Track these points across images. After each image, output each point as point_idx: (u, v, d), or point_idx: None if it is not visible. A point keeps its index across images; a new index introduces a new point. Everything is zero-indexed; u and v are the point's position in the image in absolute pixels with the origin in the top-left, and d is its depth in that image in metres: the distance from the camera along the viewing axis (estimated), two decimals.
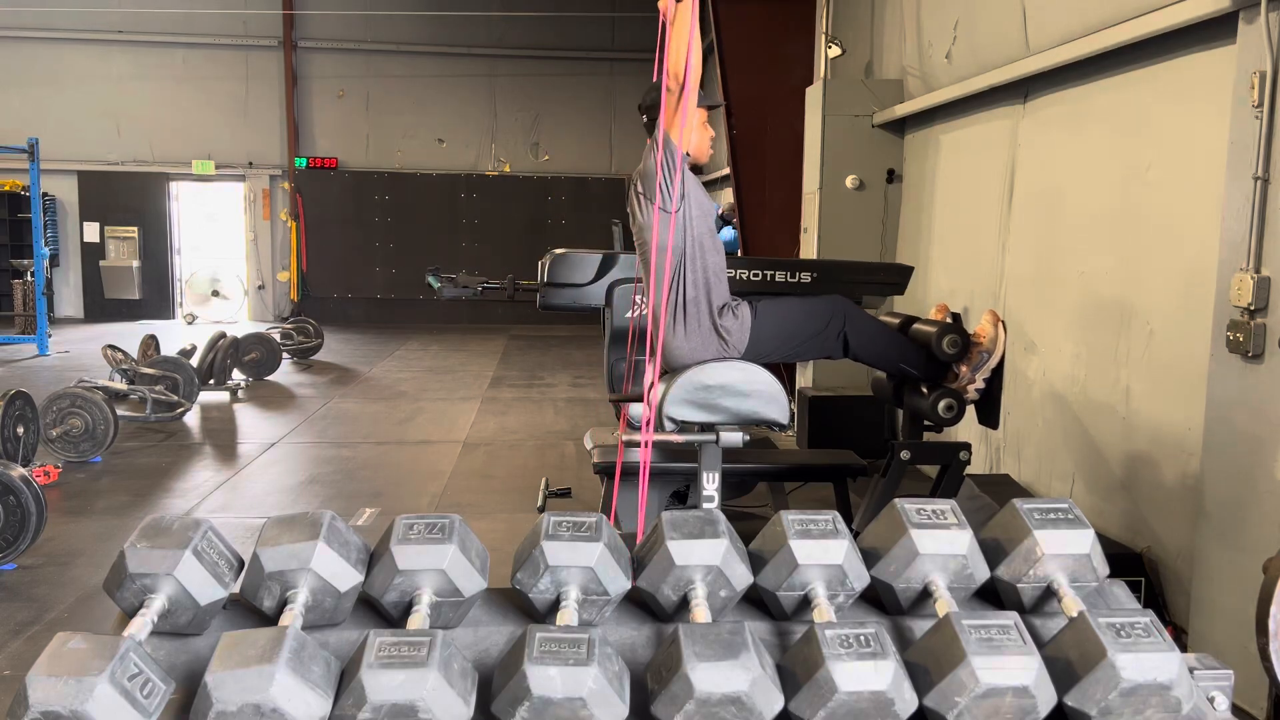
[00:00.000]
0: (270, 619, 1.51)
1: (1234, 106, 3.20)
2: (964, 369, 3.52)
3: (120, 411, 7.00)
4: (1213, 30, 3.59)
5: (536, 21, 15.59)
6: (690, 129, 3.10)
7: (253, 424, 8.12)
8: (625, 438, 3.30)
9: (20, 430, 5.83)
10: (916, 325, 3.70)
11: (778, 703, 1.35)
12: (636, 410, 3.53)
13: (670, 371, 3.31)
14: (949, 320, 3.72)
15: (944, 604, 1.51)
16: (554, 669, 1.30)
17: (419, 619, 1.47)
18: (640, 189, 3.16)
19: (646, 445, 2.94)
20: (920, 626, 1.56)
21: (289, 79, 15.74)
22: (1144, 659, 1.36)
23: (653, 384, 3.23)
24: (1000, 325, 3.54)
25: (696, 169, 3.31)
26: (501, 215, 16.05)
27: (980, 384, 3.53)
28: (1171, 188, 3.92)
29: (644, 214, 3.17)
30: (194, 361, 8.59)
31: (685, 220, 3.13)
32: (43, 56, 15.28)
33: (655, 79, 3.07)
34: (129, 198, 15.72)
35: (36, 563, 4.63)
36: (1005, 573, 1.60)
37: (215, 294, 16.00)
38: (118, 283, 15.74)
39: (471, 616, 1.59)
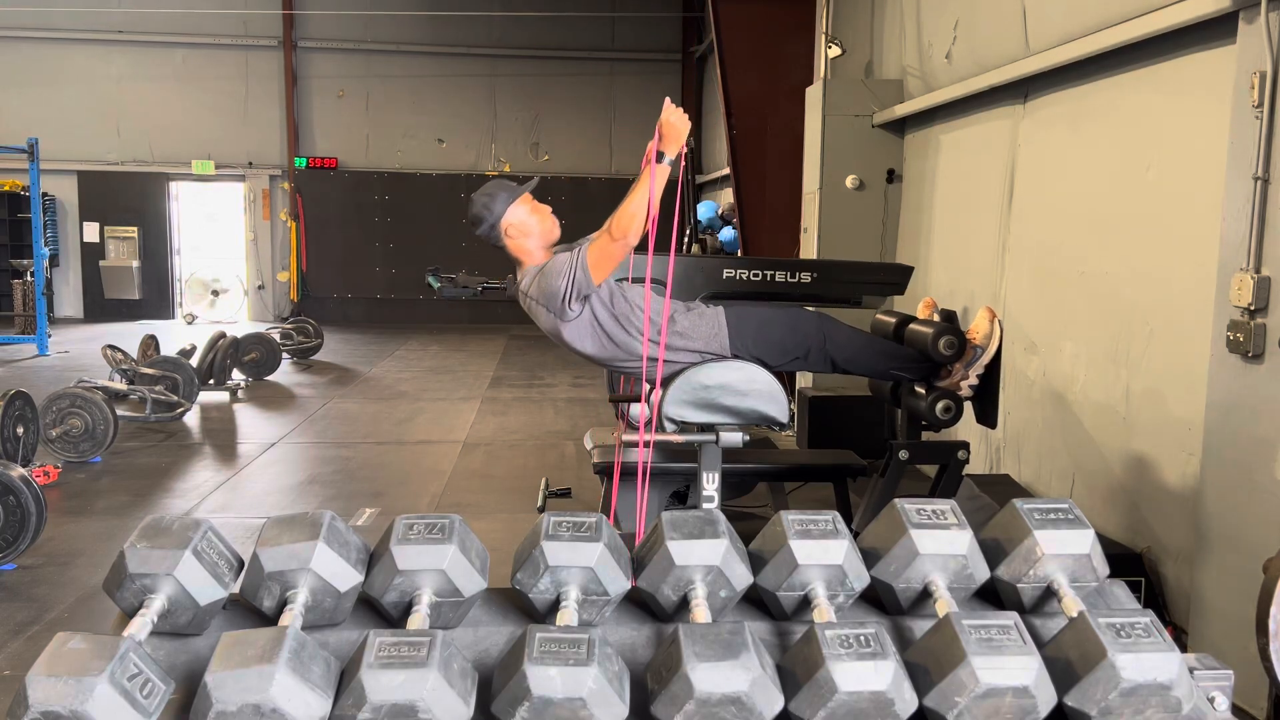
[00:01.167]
0: (270, 619, 1.51)
1: (1234, 106, 3.20)
2: (956, 366, 3.52)
3: (120, 411, 7.00)
4: (1213, 30, 3.59)
5: (536, 21, 15.59)
6: (610, 271, 3.08)
7: (253, 424, 8.12)
8: (625, 438, 3.30)
9: (20, 430, 5.83)
10: (912, 326, 3.70)
11: (778, 703, 1.35)
12: (636, 410, 3.53)
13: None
14: (937, 316, 3.72)
15: (944, 604, 1.51)
16: (554, 669, 1.30)
17: (419, 619, 1.47)
18: (541, 303, 3.14)
19: (647, 445, 2.94)
20: (920, 626, 1.56)
21: (289, 79, 15.73)
22: (1144, 659, 1.36)
23: (652, 388, 3.24)
24: (995, 322, 3.53)
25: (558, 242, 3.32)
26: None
27: (974, 380, 3.52)
28: (1171, 188, 3.92)
29: (550, 323, 3.18)
30: (194, 361, 8.58)
31: (595, 319, 3.16)
32: (43, 56, 15.28)
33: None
34: (129, 198, 15.72)
35: (36, 563, 4.63)
36: (1005, 573, 1.60)
37: (215, 294, 16.00)
38: (118, 283, 15.74)
39: (471, 616, 1.59)
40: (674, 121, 2.92)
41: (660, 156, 2.93)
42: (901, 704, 1.34)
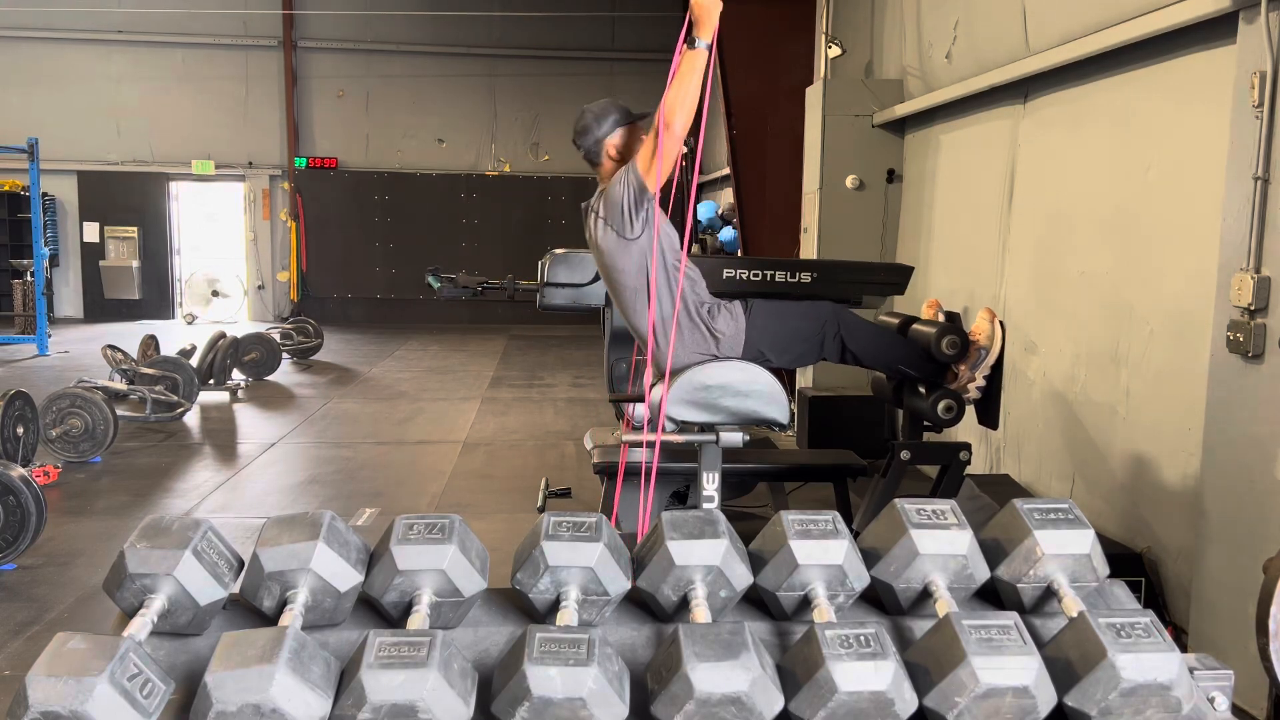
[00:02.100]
0: (270, 619, 1.51)
1: (1234, 106, 3.20)
2: (963, 368, 3.52)
3: (120, 411, 7.00)
4: (1213, 30, 3.59)
5: (536, 21, 15.59)
6: (666, 170, 3.03)
7: (253, 424, 8.12)
8: (625, 438, 3.30)
9: (20, 430, 5.83)
10: (915, 326, 3.70)
11: (778, 703, 1.35)
12: (637, 410, 3.53)
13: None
14: (942, 317, 3.72)
15: (944, 604, 1.51)
16: (554, 669, 1.30)
17: (419, 619, 1.47)
18: (604, 217, 3.09)
19: (650, 445, 2.94)
20: (920, 626, 1.56)
21: (289, 79, 15.74)
22: (1144, 659, 1.36)
23: (653, 384, 3.23)
24: (996, 323, 3.54)
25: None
26: (501, 215, 16.06)
27: (980, 382, 3.53)
28: (1171, 188, 3.92)
29: (609, 243, 3.12)
30: (194, 361, 8.58)
31: (658, 249, 3.12)
32: (43, 56, 15.28)
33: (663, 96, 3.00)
34: (129, 198, 15.72)
35: (36, 563, 4.63)
36: (1005, 573, 1.60)
37: (215, 294, 16.00)
38: (117, 283, 15.74)
39: (471, 616, 1.59)
40: (705, 3, 2.85)
41: (693, 42, 2.88)
42: (901, 704, 1.34)
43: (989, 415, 3.68)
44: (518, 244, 15.33)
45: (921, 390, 3.64)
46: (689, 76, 2.88)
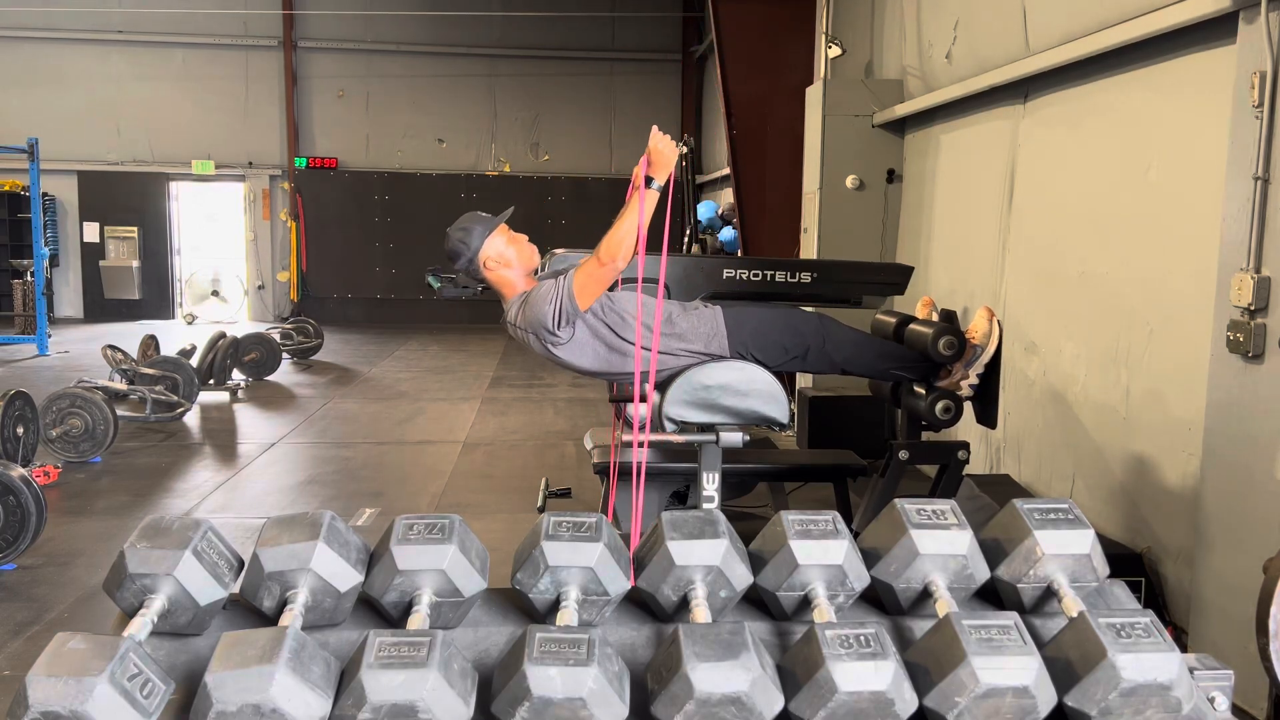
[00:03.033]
0: (270, 619, 1.51)
1: (1234, 106, 3.20)
2: (956, 366, 3.52)
3: (120, 411, 7.00)
4: (1213, 30, 3.59)
5: (536, 21, 15.59)
6: (598, 295, 3.07)
7: (253, 424, 8.12)
8: (625, 438, 3.30)
9: (20, 430, 5.83)
10: (912, 326, 3.70)
11: (778, 703, 1.35)
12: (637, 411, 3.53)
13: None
14: (937, 316, 3.72)
15: (944, 604, 1.51)
16: (554, 669, 1.30)
17: (419, 619, 1.47)
18: (530, 331, 3.13)
19: (644, 445, 2.94)
20: (920, 626, 1.56)
21: (289, 79, 15.73)
22: (1144, 659, 1.36)
23: (646, 394, 3.24)
24: (994, 321, 3.53)
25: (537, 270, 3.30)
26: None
27: (974, 379, 3.51)
28: (1171, 188, 3.92)
29: (543, 349, 3.17)
30: (194, 362, 8.58)
31: (588, 338, 3.14)
32: (43, 56, 15.28)
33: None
34: (129, 198, 15.72)
35: (36, 563, 4.63)
36: (1005, 573, 1.60)
37: (215, 294, 16.00)
38: (118, 283, 15.73)
39: (471, 616, 1.59)
40: (662, 149, 2.93)
41: (649, 182, 2.94)
42: (901, 704, 1.34)
43: (988, 415, 3.68)
44: None
45: (919, 391, 3.64)
46: (640, 215, 2.93)
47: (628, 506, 3.99)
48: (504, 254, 3.18)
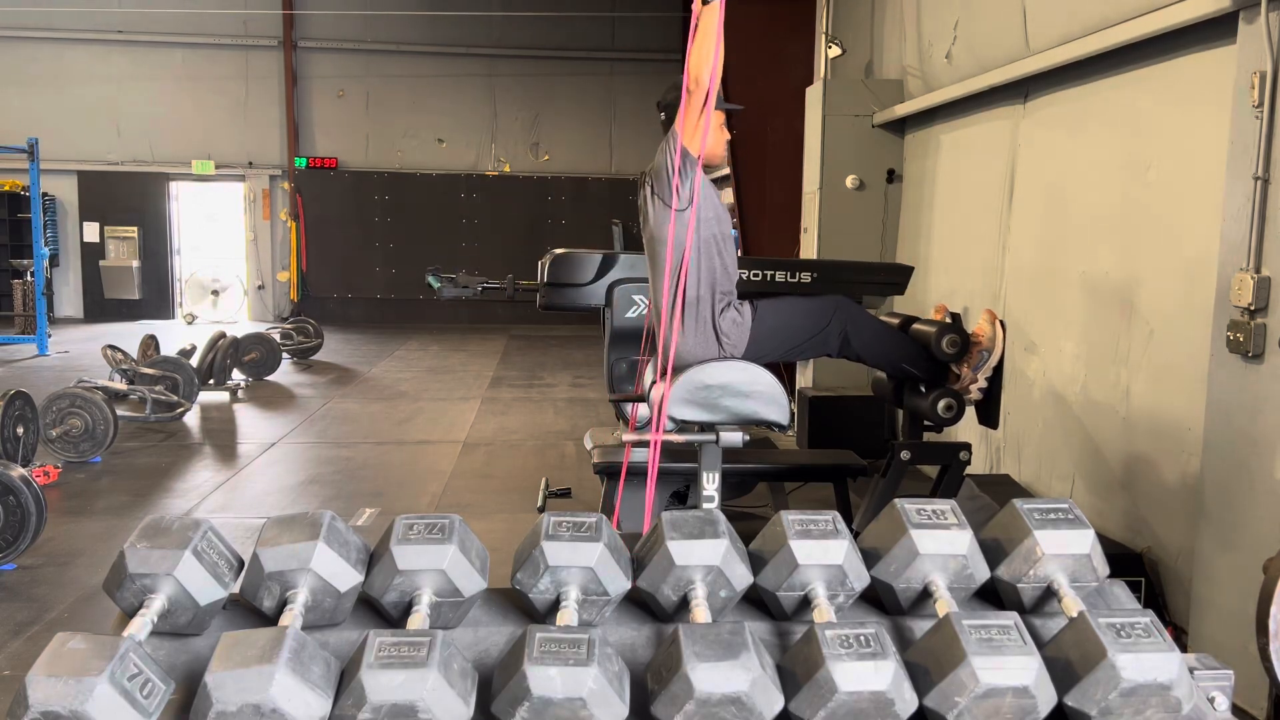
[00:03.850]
0: (270, 619, 1.51)
1: (1234, 106, 3.20)
2: (965, 369, 3.52)
3: (120, 411, 7.00)
4: (1213, 30, 3.59)
5: (536, 21, 15.59)
6: (707, 132, 3.06)
7: (253, 424, 8.12)
8: (626, 438, 3.29)
9: (20, 430, 5.83)
10: (916, 325, 3.70)
11: (778, 703, 1.35)
12: (640, 410, 3.53)
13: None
14: (948, 320, 3.72)
15: (944, 604, 1.51)
16: (554, 669, 1.30)
17: (419, 619, 1.47)
18: (652, 186, 3.14)
19: (650, 444, 2.94)
20: (920, 626, 1.56)
21: (289, 79, 15.74)
22: (1144, 659, 1.36)
23: (654, 382, 3.23)
24: (998, 324, 3.53)
25: (706, 169, 3.29)
26: (501, 215, 16.06)
27: (983, 383, 3.52)
28: (1171, 188, 3.92)
29: (655, 211, 3.15)
30: (194, 361, 8.58)
31: (696, 221, 3.12)
32: (43, 56, 15.28)
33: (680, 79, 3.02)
34: (129, 198, 15.72)
35: (36, 563, 4.63)
36: (1005, 573, 1.60)
37: (215, 294, 16.00)
38: (118, 283, 15.74)
39: (471, 616, 1.59)
40: None
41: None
42: (901, 704, 1.34)
43: (989, 415, 3.68)
44: (518, 244, 15.32)
45: (922, 390, 3.64)
46: (707, 34, 2.91)
47: (629, 506, 3.99)
48: (710, 133, 3.14)
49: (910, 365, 3.57)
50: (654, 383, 3.25)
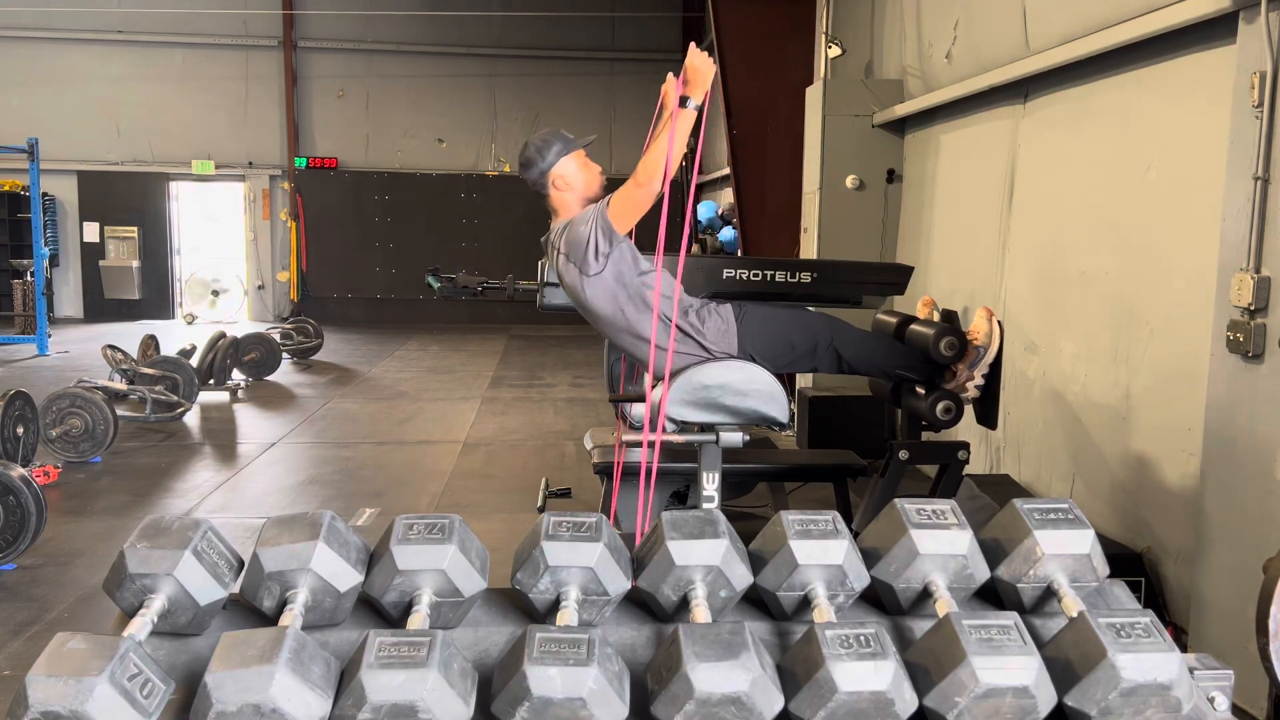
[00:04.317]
0: (270, 619, 1.51)
1: (1234, 106, 3.20)
2: (960, 368, 3.52)
3: (120, 411, 7.00)
4: (1213, 30, 3.59)
5: (536, 21, 15.59)
6: (637, 219, 3.05)
7: (253, 424, 8.12)
8: (625, 438, 3.29)
9: (20, 430, 5.83)
10: (913, 326, 3.70)
11: (778, 703, 1.35)
12: (636, 410, 3.53)
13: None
14: (938, 316, 3.72)
15: (944, 604, 1.51)
16: (554, 669, 1.30)
17: (419, 619, 1.47)
18: (566, 254, 3.11)
19: (650, 445, 2.94)
20: (920, 626, 1.56)
21: (289, 79, 15.74)
22: (1144, 659, 1.36)
23: (653, 386, 3.23)
24: (995, 322, 3.53)
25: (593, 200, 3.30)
26: (501, 215, 16.06)
27: (979, 381, 3.52)
28: (1171, 188, 3.92)
29: (570, 277, 3.14)
30: (194, 361, 8.58)
31: (616, 284, 3.12)
32: (43, 56, 15.28)
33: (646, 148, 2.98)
34: (129, 198, 15.72)
35: (36, 563, 4.63)
36: (1005, 573, 1.60)
37: (215, 294, 16.00)
38: (118, 283, 15.74)
39: (471, 616, 1.59)
40: (699, 65, 2.89)
41: (685, 101, 2.91)
42: (901, 704, 1.34)
43: (988, 415, 3.68)
44: (518, 244, 15.30)
45: (920, 391, 3.64)
46: (677, 136, 2.91)
47: (628, 506, 3.99)
48: (573, 177, 3.18)
49: (905, 370, 3.58)
50: (654, 386, 3.25)
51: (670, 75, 2.96)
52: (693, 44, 3.01)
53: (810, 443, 6.32)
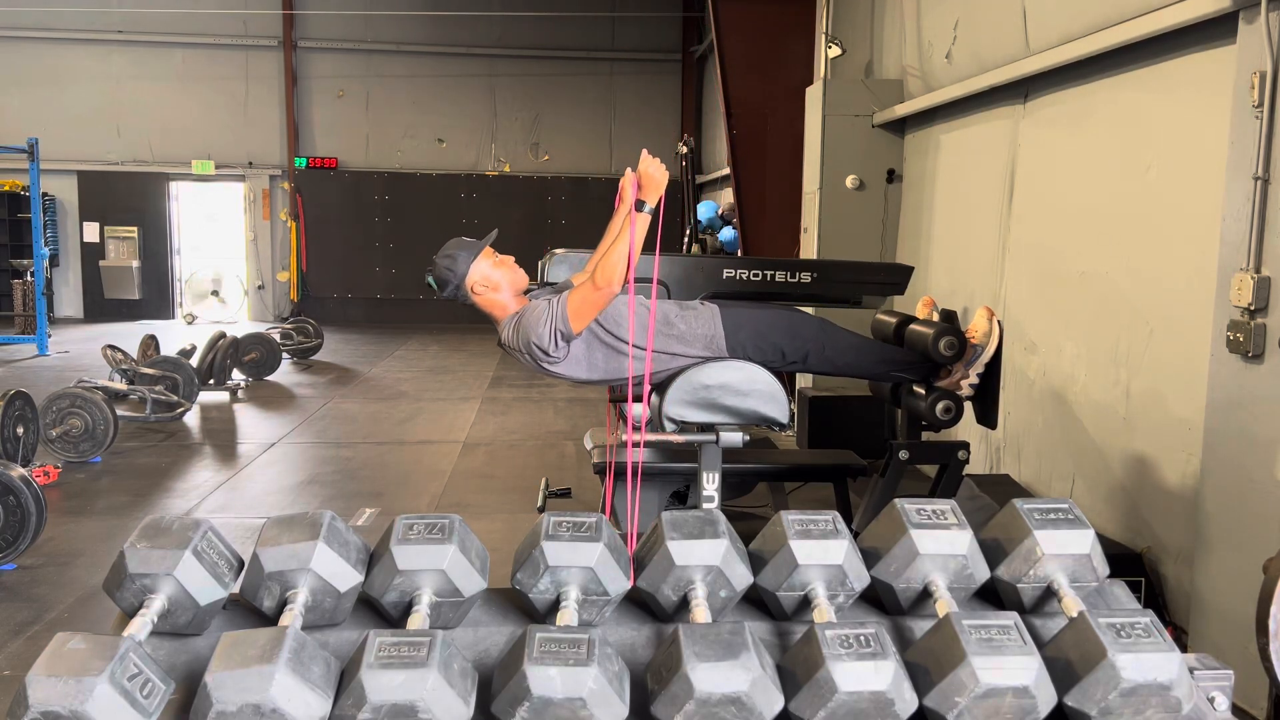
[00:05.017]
0: (270, 619, 1.51)
1: (1234, 106, 3.20)
2: (957, 366, 3.52)
3: (120, 411, 7.00)
4: (1213, 30, 3.59)
5: (536, 21, 15.59)
6: (591, 319, 3.06)
7: (253, 424, 8.12)
8: (625, 438, 3.29)
9: (20, 430, 5.83)
10: (913, 326, 3.70)
11: (778, 703, 1.35)
12: (636, 410, 3.53)
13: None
14: (937, 316, 3.72)
15: (944, 604, 1.51)
16: (554, 669, 1.30)
17: (419, 619, 1.47)
18: (524, 351, 3.12)
19: (641, 446, 2.94)
20: (920, 626, 1.56)
21: (289, 79, 15.73)
22: (1144, 659, 1.36)
23: (643, 394, 3.24)
24: (994, 321, 3.53)
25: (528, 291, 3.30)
26: (501, 215, 16.04)
27: (974, 379, 3.51)
28: (1171, 188, 3.92)
29: (538, 367, 3.15)
30: (194, 361, 8.58)
31: (587, 346, 3.14)
32: (43, 56, 15.28)
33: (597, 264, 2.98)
34: (129, 198, 15.72)
35: (36, 563, 4.63)
36: (1005, 573, 1.60)
37: (215, 294, 16.00)
38: (118, 283, 15.73)
39: (471, 616, 1.59)
40: (652, 173, 2.92)
41: (640, 206, 2.93)
42: (901, 704, 1.34)
43: (988, 415, 3.68)
44: (518, 244, 15.25)
45: (919, 391, 3.64)
46: (633, 240, 2.91)
47: (623, 507, 3.99)
48: (490, 277, 3.18)
49: (899, 370, 3.59)
50: (642, 393, 3.26)
51: (629, 170, 2.97)
52: (645, 151, 3.02)
53: (810, 443, 6.33)
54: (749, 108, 8.51)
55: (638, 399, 3.18)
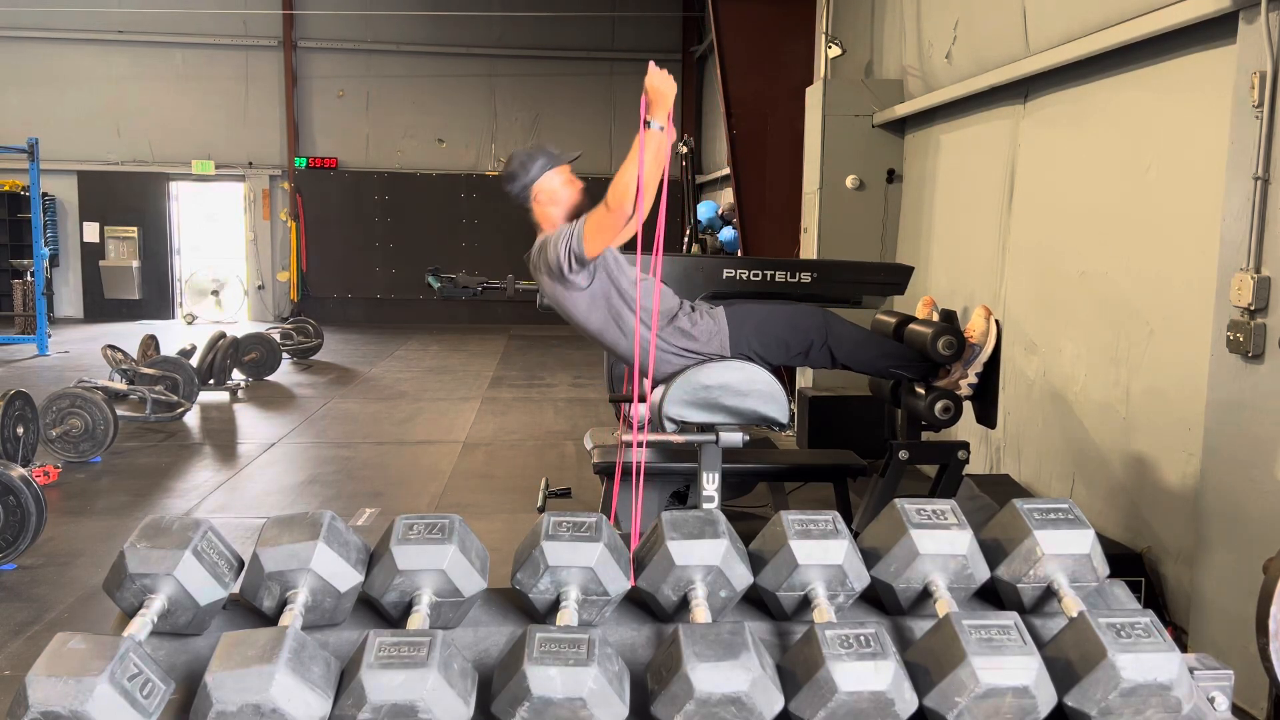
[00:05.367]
0: (270, 619, 1.51)
1: (1234, 106, 3.20)
2: (955, 365, 3.52)
3: (120, 411, 7.00)
4: (1213, 30, 3.59)
5: (536, 21, 15.59)
6: (610, 244, 3.04)
7: (253, 424, 8.12)
8: (625, 438, 3.30)
9: (20, 430, 5.83)
10: (912, 326, 3.70)
11: (778, 703, 1.35)
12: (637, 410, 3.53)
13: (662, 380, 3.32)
14: (937, 316, 3.72)
15: (944, 604, 1.51)
16: (554, 669, 1.30)
17: (419, 619, 1.47)
18: (545, 272, 3.12)
19: (643, 445, 2.94)
20: (920, 626, 1.56)
21: (289, 79, 15.73)
22: (1144, 659, 1.36)
23: (645, 393, 3.24)
24: (992, 320, 3.53)
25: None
26: (501, 215, 16.04)
27: (972, 379, 3.52)
28: (1171, 188, 3.92)
29: (556, 291, 3.14)
30: (194, 361, 8.58)
31: (605, 296, 3.12)
32: (43, 56, 15.28)
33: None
34: (129, 198, 15.72)
35: (36, 563, 4.63)
36: (1005, 573, 1.60)
37: (215, 294, 16.00)
38: (117, 283, 15.74)
39: (471, 616, 1.59)
40: (659, 85, 2.88)
41: (648, 124, 2.88)
42: (901, 704, 1.34)
43: (987, 415, 3.68)
44: (518, 244, 15.29)
45: (919, 391, 3.64)
46: (645, 158, 2.87)
47: (628, 506, 3.99)
48: (557, 192, 3.18)
49: (899, 368, 3.59)
50: (654, 386, 3.26)
51: (652, 64, 2.92)
52: (651, 63, 2.98)
53: (810, 443, 6.32)
54: (749, 108, 8.51)
55: (641, 398, 3.18)
